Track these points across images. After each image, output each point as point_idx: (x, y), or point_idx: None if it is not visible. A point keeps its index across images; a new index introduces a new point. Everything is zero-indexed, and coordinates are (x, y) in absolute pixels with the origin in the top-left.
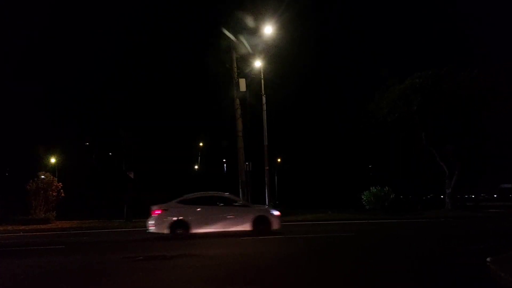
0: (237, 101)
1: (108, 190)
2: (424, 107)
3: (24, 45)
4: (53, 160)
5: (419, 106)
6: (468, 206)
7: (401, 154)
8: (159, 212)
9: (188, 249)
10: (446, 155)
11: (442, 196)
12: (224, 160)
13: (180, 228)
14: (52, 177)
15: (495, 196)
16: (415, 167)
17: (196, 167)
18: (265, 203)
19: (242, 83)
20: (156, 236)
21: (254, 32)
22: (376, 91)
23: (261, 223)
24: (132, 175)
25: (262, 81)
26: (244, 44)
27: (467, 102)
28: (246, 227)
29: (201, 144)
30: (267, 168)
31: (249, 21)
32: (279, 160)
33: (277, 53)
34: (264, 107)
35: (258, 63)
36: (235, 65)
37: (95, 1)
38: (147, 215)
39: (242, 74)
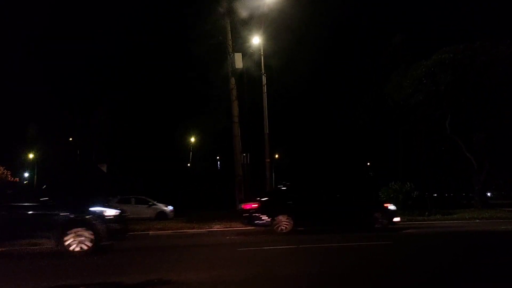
0: (233, 80)
1: (84, 187)
2: (454, 87)
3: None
4: (31, 155)
5: (448, 85)
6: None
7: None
8: None
9: (149, 270)
10: (475, 146)
11: (464, 194)
12: (218, 157)
13: None
14: (5, 171)
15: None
16: (429, 161)
17: (188, 164)
18: None
19: (238, 59)
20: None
21: None
22: (394, 71)
23: None
24: (104, 169)
25: (262, 57)
26: (240, 11)
27: (505, 81)
28: None
29: (192, 139)
30: (268, 160)
31: None
32: (277, 156)
33: (280, 24)
34: (265, 88)
35: (256, 40)
36: (230, 37)
37: None
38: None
39: (238, 50)
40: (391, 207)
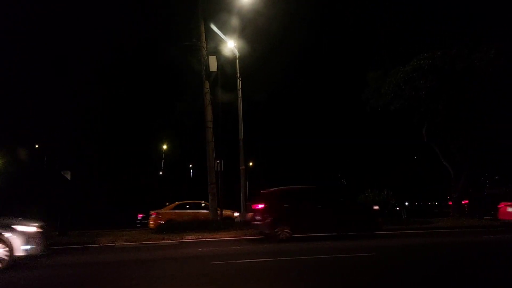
0: (207, 84)
1: (49, 196)
2: (432, 93)
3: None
4: None
5: (428, 91)
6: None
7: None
8: None
9: None
10: (452, 153)
11: (436, 203)
12: (190, 165)
13: None
14: None
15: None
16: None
17: (160, 173)
18: (240, 209)
19: (213, 62)
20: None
21: None
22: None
23: None
24: (69, 176)
25: (237, 61)
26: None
27: (482, 88)
28: None
29: (165, 147)
30: (243, 167)
31: None
32: (251, 163)
33: (257, 27)
34: (240, 93)
35: (232, 43)
36: (204, 39)
37: None
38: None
39: (213, 53)
40: None
